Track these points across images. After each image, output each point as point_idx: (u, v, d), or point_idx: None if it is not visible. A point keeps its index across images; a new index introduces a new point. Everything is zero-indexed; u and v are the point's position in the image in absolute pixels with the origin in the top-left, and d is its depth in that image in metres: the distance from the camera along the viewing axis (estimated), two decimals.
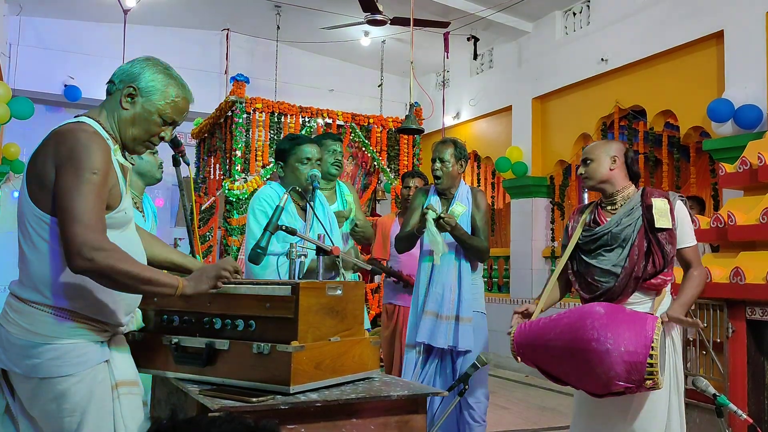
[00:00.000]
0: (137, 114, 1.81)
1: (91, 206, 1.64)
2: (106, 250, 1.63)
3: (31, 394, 1.70)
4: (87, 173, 1.65)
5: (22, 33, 8.10)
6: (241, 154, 6.28)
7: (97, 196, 1.66)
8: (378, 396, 1.89)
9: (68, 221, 1.62)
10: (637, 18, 6.62)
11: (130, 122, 1.82)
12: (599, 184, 2.77)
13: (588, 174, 2.77)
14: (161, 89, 1.82)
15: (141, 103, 1.81)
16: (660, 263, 2.61)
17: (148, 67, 1.83)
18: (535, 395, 6.42)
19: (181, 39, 8.87)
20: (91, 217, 1.63)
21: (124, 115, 1.81)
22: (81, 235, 1.60)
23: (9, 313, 1.73)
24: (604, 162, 2.73)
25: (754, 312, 3.86)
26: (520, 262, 8.07)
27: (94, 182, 1.66)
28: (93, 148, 1.68)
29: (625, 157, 2.76)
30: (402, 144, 7.08)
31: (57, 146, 1.69)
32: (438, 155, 3.49)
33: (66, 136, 1.70)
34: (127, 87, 1.81)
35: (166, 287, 1.74)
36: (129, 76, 1.81)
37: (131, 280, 1.66)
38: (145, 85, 1.81)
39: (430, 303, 3.41)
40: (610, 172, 2.73)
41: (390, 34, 8.78)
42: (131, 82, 1.81)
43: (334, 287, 2.00)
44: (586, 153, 2.80)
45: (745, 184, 4.32)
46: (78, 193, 1.63)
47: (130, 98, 1.81)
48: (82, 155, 1.66)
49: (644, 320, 2.36)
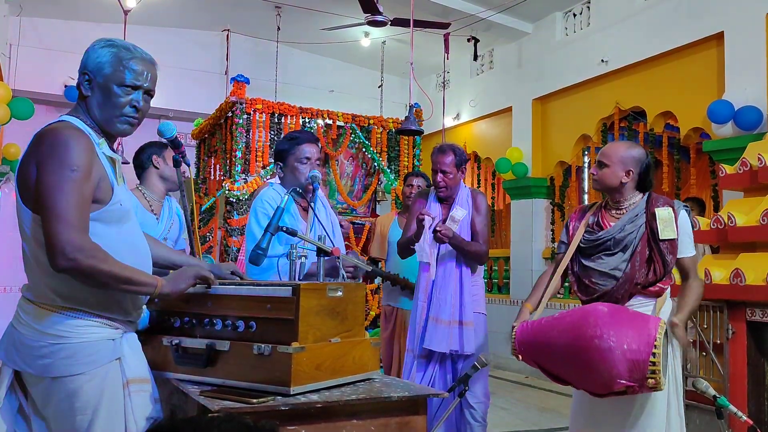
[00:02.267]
0: (99, 94, 1.80)
1: (72, 204, 1.64)
2: (89, 249, 1.63)
3: (44, 393, 1.71)
4: (67, 170, 1.65)
5: (23, 33, 8.11)
6: (241, 155, 6.27)
7: (79, 194, 1.66)
8: (378, 397, 1.88)
9: (50, 219, 1.62)
10: (638, 19, 6.63)
11: (97, 105, 1.81)
12: (606, 190, 2.76)
13: (598, 178, 2.75)
14: (108, 60, 1.80)
15: (98, 83, 1.80)
16: (661, 271, 2.62)
17: (92, 50, 1.82)
18: (534, 396, 6.42)
19: (181, 40, 8.87)
20: (74, 216, 1.63)
21: (90, 102, 1.81)
22: (63, 235, 1.60)
23: (21, 314, 1.74)
24: (618, 172, 2.69)
25: (754, 313, 3.86)
26: (520, 263, 8.08)
27: (75, 179, 1.65)
28: (72, 144, 1.68)
29: (641, 169, 2.70)
30: (402, 145, 7.07)
31: (38, 146, 1.70)
32: (439, 167, 3.44)
33: (46, 135, 1.71)
34: (82, 75, 1.81)
35: (146, 286, 1.76)
36: (81, 67, 1.82)
37: (111, 279, 1.67)
38: (94, 64, 1.80)
39: (432, 308, 3.39)
40: (620, 184, 2.70)
41: (390, 34, 8.79)
42: (84, 69, 1.81)
43: (335, 288, 2.00)
44: (604, 155, 2.74)
45: (745, 186, 4.33)
46: (59, 191, 1.63)
47: (88, 83, 1.81)
48: (61, 152, 1.66)
49: (647, 320, 2.36)
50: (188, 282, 1.88)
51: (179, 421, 0.98)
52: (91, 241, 1.66)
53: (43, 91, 8.26)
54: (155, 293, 1.78)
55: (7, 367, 1.76)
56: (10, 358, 1.74)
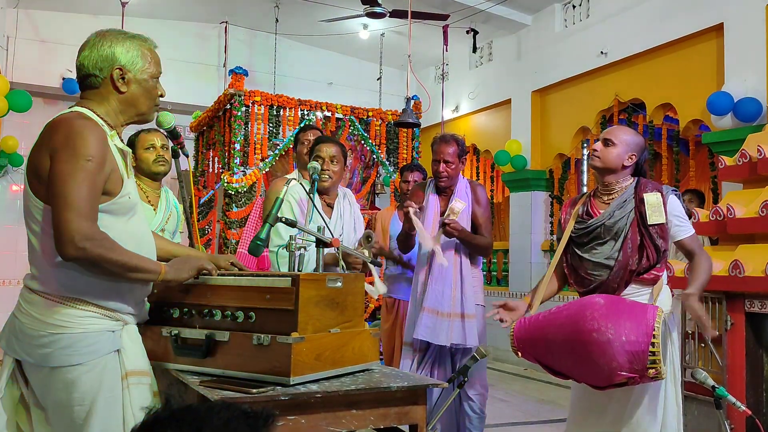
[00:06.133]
0: (137, 89, 1.83)
1: (85, 194, 1.64)
2: (97, 239, 1.64)
3: (43, 383, 1.72)
4: (82, 160, 1.65)
5: (20, 26, 8.07)
6: (239, 147, 6.27)
7: (92, 184, 1.66)
8: (378, 387, 1.89)
9: (61, 208, 1.62)
10: (637, 11, 6.61)
11: (135, 99, 1.84)
12: (605, 170, 2.69)
13: (602, 155, 2.67)
14: (138, 53, 1.82)
15: (133, 77, 1.81)
16: (653, 257, 2.61)
17: (113, 42, 1.81)
18: (533, 388, 6.44)
19: (179, 32, 8.84)
20: (85, 205, 1.64)
21: (125, 97, 1.82)
22: (74, 223, 1.61)
23: (22, 304, 1.75)
24: (623, 154, 2.66)
25: (753, 305, 3.87)
26: (519, 255, 8.08)
27: (89, 169, 1.66)
28: (87, 134, 1.68)
29: (640, 158, 2.70)
30: (401, 137, 7.07)
31: (51, 135, 1.70)
32: (442, 157, 3.42)
33: (60, 124, 1.70)
34: (115, 70, 1.79)
35: (151, 273, 1.79)
36: (106, 60, 1.79)
37: (120, 268, 1.69)
38: (126, 59, 1.80)
39: (429, 300, 3.36)
40: (621, 165, 2.67)
41: (389, 27, 8.76)
42: (113, 64, 1.79)
43: (335, 279, 2.00)
44: (611, 134, 2.68)
45: (744, 177, 4.32)
46: (72, 180, 1.64)
47: (123, 79, 1.80)
48: (76, 142, 1.66)
49: (645, 309, 2.35)
50: (190, 273, 1.91)
51: (177, 410, 0.98)
52: (99, 230, 1.67)
53: (40, 84, 8.23)
54: (159, 279, 1.81)
55: (8, 356, 1.76)
56: (11, 347, 1.75)
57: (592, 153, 2.72)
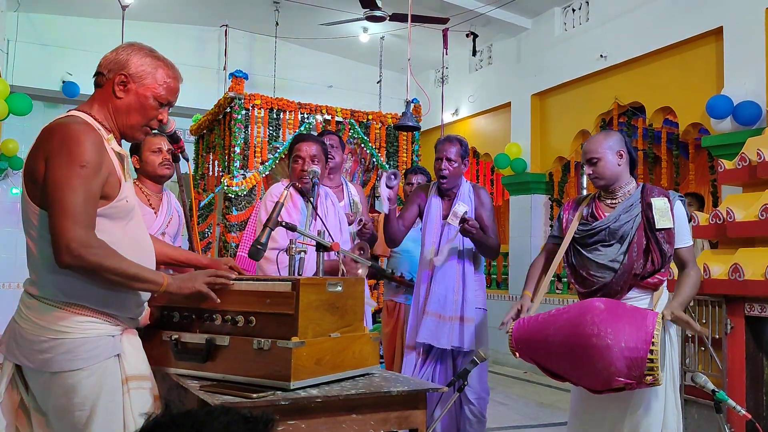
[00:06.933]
0: (133, 100, 1.80)
1: (80, 201, 1.63)
2: (94, 246, 1.63)
3: (44, 388, 1.72)
4: (77, 166, 1.64)
5: (20, 29, 8.07)
6: (239, 151, 6.26)
7: (87, 190, 1.65)
8: (378, 392, 1.89)
9: (57, 215, 1.62)
10: (636, 14, 6.62)
11: (127, 110, 1.80)
12: (610, 182, 2.70)
13: (598, 174, 2.69)
14: (152, 72, 1.81)
15: (135, 89, 1.80)
16: (658, 262, 2.61)
17: (134, 52, 1.81)
18: (533, 391, 6.44)
19: (179, 35, 8.85)
20: (81, 212, 1.63)
21: (119, 104, 1.80)
22: (69, 231, 1.60)
23: (22, 309, 1.74)
24: (611, 158, 2.67)
25: (752, 308, 3.87)
26: (519, 258, 8.08)
27: (84, 176, 1.64)
28: (82, 139, 1.67)
29: (628, 147, 2.71)
30: (401, 140, 7.07)
31: (47, 141, 1.69)
32: (444, 154, 3.42)
33: (56, 130, 1.70)
34: (118, 75, 1.79)
35: (152, 284, 1.77)
36: (117, 64, 1.79)
37: (118, 276, 1.68)
38: (136, 70, 1.79)
39: (432, 303, 3.36)
40: (618, 168, 2.68)
41: (389, 30, 8.77)
42: (121, 69, 1.79)
43: (335, 284, 2.00)
44: (590, 151, 2.69)
45: (744, 181, 4.33)
46: (68, 186, 1.63)
47: (123, 85, 1.79)
48: (71, 148, 1.65)
49: (644, 316, 2.35)
50: (192, 290, 1.88)
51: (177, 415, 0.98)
52: (96, 237, 1.65)
53: (41, 87, 8.24)
54: (161, 290, 1.79)
55: (8, 361, 1.76)
56: (11, 352, 1.74)
57: (590, 177, 2.74)
